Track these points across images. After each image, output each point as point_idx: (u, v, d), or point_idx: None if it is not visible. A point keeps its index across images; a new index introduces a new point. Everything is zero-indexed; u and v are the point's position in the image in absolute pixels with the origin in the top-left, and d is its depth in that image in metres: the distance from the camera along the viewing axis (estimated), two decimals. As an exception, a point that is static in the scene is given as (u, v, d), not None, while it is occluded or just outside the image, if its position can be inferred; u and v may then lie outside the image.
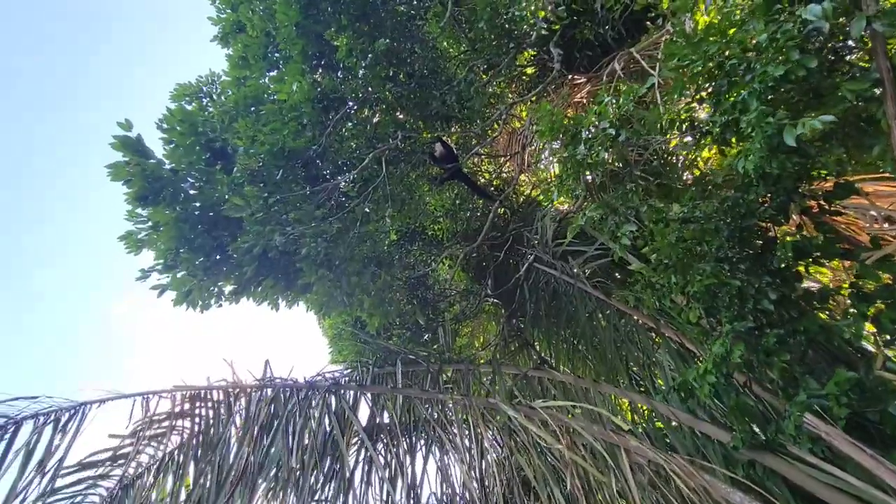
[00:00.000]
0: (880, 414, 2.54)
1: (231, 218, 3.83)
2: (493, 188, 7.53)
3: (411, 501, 3.76)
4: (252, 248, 3.61)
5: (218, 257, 3.99)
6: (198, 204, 3.96)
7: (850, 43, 2.51)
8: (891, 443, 2.49)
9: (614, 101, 3.29)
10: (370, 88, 4.20)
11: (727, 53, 2.71)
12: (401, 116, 4.68)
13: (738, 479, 2.90)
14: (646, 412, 4.35)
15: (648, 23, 4.46)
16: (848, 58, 2.67)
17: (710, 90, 2.99)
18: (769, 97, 2.47)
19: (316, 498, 3.77)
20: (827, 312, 3.34)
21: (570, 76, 5.73)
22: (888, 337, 2.71)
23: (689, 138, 3.59)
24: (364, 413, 4.34)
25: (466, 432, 4.03)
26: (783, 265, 3.00)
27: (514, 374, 4.96)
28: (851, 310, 2.80)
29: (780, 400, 3.08)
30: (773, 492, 2.77)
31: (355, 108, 4.37)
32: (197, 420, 4.24)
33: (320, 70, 4.44)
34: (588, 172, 3.61)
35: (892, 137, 2.17)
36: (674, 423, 3.64)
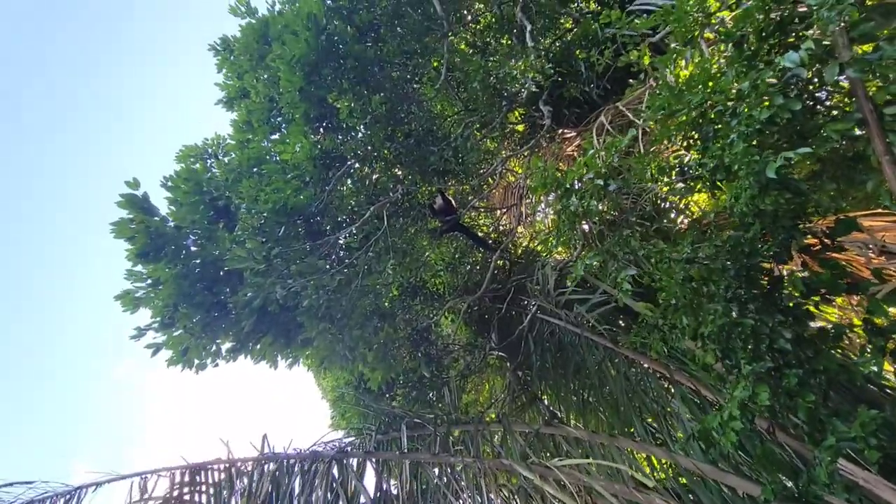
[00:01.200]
0: (916, 456, 2.40)
1: (231, 274, 3.81)
2: (491, 241, 7.60)
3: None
4: (252, 300, 3.56)
5: (217, 314, 3.92)
6: (199, 260, 3.96)
7: (828, 88, 2.65)
8: (933, 488, 2.33)
9: (601, 152, 3.41)
10: (370, 147, 4.35)
11: (709, 103, 2.85)
12: (399, 173, 4.82)
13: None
14: (667, 466, 4.10)
15: (631, 80, 4.74)
16: (826, 102, 2.81)
17: (696, 137, 3.11)
18: (755, 140, 2.56)
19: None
20: (842, 351, 3.26)
21: (560, 131, 5.98)
22: (910, 373, 2.62)
23: (680, 184, 3.68)
24: (370, 481, 4.09)
25: (479, 499, 3.77)
26: (793, 303, 2.96)
27: (525, 433, 4.72)
28: (869, 346, 2.73)
29: (808, 446, 2.92)
30: (816, 551, 2.55)
31: (356, 165, 4.51)
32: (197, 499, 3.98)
33: (321, 131, 4.63)
34: (584, 222, 3.66)
35: (885, 173, 2.23)
36: (695, 478, 3.42)
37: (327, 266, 3.91)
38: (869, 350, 2.70)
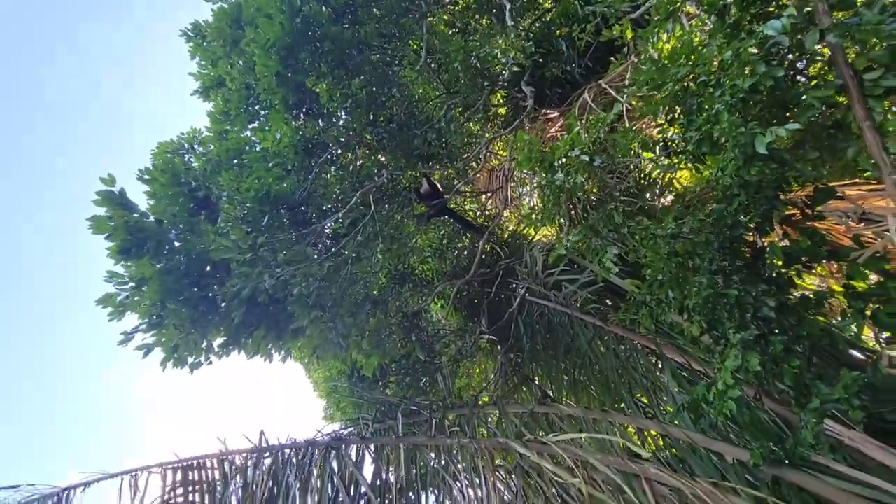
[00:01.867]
0: (897, 413, 2.49)
1: (218, 268, 3.72)
2: (478, 225, 7.59)
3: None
4: (240, 291, 3.49)
5: (205, 309, 3.83)
6: (183, 255, 3.85)
7: (808, 57, 2.68)
8: (915, 442, 2.43)
9: (587, 128, 3.41)
10: (352, 133, 4.27)
11: (691, 76, 2.85)
12: (383, 158, 4.75)
13: (765, 500, 2.76)
14: (658, 438, 4.20)
15: (612, 58, 4.73)
16: (806, 71, 2.84)
17: (680, 112, 3.12)
18: (739, 111, 2.58)
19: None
20: (824, 318, 3.34)
21: (542, 111, 5.96)
22: (888, 335, 2.69)
23: (664, 159, 3.69)
24: (368, 471, 4.09)
25: (477, 480, 3.81)
26: (775, 273, 3.03)
27: (519, 413, 4.78)
28: (849, 310, 2.80)
29: (794, 410, 3.01)
30: (805, 510, 2.63)
31: (338, 152, 4.42)
32: (191, 500, 3.90)
33: (302, 117, 4.52)
34: (568, 200, 3.67)
35: (866, 139, 2.26)
36: (685, 447, 3.50)
37: (315, 254, 3.84)
38: (849, 314, 2.78)
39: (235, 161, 4.18)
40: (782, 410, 3.18)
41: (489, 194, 7.81)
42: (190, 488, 3.99)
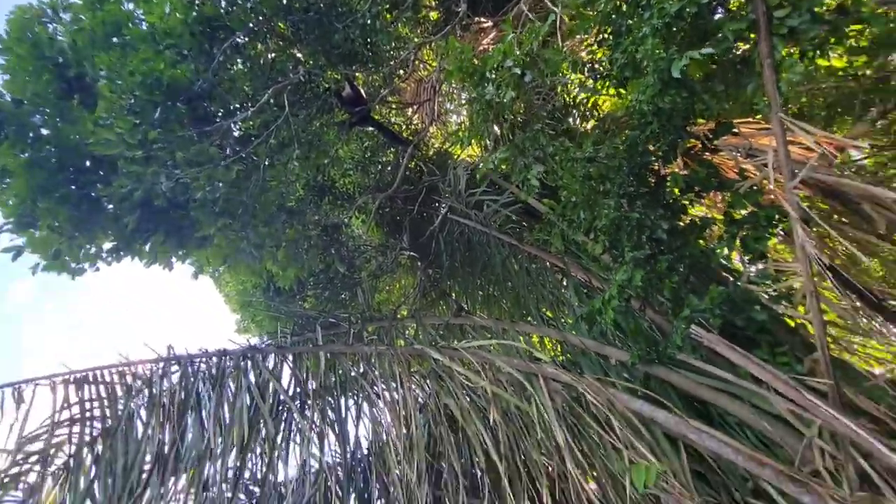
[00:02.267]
0: (746, 320, 3.00)
1: (101, 163, 3.20)
2: (403, 139, 7.35)
3: (345, 458, 3.73)
4: (131, 193, 3.07)
5: (88, 209, 3.33)
6: (53, 146, 3.23)
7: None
8: (754, 343, 2.97)
9: (517, 42, 3.30)
10: (262, 18, 3.70)
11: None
12: (299, 54, 4.22)
13: (636, 391, 3.27)
14: (558, 346, 4.71)
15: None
16: (727, 4, 2.93)
17: (609, 32, 3.13)
18: (663, 35, 2.64)
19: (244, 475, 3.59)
20: (705, 241, 3.81)
21: (476, 20, 5.63)
22: (751, 256, 3.15)
23: (590, 81, 3.73)
24: (287, 382, 4.13)
25: (394, 385, 4.04)
26: (672, 199, 3.36)
27: (435, 325, 5.05)
28: (725, 234, 3.21)
29: (669, 318, 3.50)
30: (665, 398, 3.17)
31: (246, 39, 3.84)
32: (88, 415, 3.69)
33: (199, -10, 3.79)
34: (496, 118, 3.63)
35: (764, 75, 2.43)
36: (578, 352, 3.99)
37: (221, 156, 3.44)
38: (724, 238, 3.19)
39: (116, 39, 3.44)
40: (659, 319, 3.68)
41: (416, 107, 7.48)
42: (87, 404, 3.76)
